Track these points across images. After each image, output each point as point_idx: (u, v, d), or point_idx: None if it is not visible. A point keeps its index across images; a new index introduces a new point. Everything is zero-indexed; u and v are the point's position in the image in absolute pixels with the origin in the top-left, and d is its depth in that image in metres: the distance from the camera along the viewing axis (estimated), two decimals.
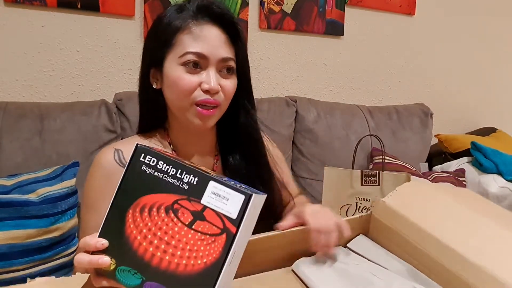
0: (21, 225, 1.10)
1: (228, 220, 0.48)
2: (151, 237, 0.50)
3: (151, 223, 0.50)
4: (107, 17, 1.60)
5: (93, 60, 1.61)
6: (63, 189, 1.19)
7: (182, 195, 0.50)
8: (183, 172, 0.51)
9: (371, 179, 1.56)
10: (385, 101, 2.17)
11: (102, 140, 1.41)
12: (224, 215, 0.48)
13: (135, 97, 1.51)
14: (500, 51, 2.45)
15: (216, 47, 0.75)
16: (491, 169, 1.81)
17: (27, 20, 1.50)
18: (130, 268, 0.50)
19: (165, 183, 0.51)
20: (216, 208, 0.49)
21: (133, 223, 0.51)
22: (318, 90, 2.02)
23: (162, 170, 0.52)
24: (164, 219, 0.50)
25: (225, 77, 0.77)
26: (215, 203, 0.49)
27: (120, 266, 0.50)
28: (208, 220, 0.49)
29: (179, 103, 0.77)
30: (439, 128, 2.15)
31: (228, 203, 0.48)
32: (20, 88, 1.52)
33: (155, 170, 0.52)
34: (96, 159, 0.82)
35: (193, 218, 0.49)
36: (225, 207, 0.48)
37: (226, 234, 0.48)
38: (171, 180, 0.51)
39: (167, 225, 0.50)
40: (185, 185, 0.50)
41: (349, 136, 1.80)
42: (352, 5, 2.01)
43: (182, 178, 0.51)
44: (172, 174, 0.51)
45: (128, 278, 0.50)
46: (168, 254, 0.49)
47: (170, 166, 0.51)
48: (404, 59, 2.20)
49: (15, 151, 1.29)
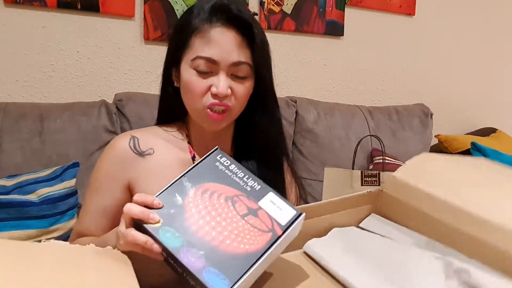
0: (21, 225, 1.10)
1: (277, 224, 0.54)
2: (205, 213, 0.54)
3: (209, 203, 0.55)
4: (107, 17, 1.60)
5: (93, 60, 1.61)
6: (63, 190, 1.19)
7: (244, 192, 0.57)
8: (249, 178, 0.58)
9: (371, 180, 1.56)
10: (385, 102, 2.17)
11: (102, 140, 1.41)
12: (274, 219, 0.55)
13: (135, 98, 1.52)
14: (500, 51, 2.45)
15: (228, 51, 0.74)
16: None
17: (27, 21, 1.50)
18: (174, 231, 0.53)
19: (232, 179, 0.58)
20: (270, 212, 0.55)
21: (193, 199, 0.55)
22: (318, 91, 2.02)
23: (232, 171, 0.59)
24: (222, 204, 0.55)
25: (237, 81, 0.76)
26: (269, 208, 0.56)
27: (166, 226, 0.53)
28: (260, 217, 0.55)
29: (191, 106, 0.78)
30: (439, 129, 2.15)
31: (281, 212, 0.55)
32: (20, 89, 1.52)
33: (227, 169, 0.59)
34: (111, 143, 0.81)
35: (247, 211, 0.55)
36: (277, 214, 0.55)
37: (272, 233, 0.54)
38: (237, 180, 0.58)
39: (223, 210, 0.55)
40: (248, 187, 0.57)
41: (349, 137, 1.80)
42: (352, 6, 2.02)
43: (247, 181, 0.58)
44: (239, 176, 0.58)
45: (169, 239, 0.52)
46: (215, 230, 0.53)
47: (240, 170, 0.59)
48: (404, 59, 2.20)
49: (15, 152, 1.29)
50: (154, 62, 1.67)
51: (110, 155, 0.80)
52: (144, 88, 1.67)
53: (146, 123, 1.46)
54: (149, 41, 1.66)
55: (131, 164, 0.79)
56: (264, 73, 0.79)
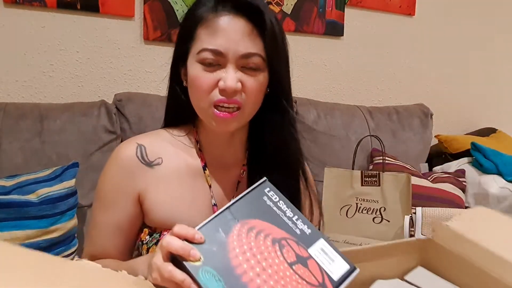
0: (20, 225, 1.10)
1: (329, 279, 0.49)
2: (250, 256, 0.49)
3: (254, 244, 0.50)
4: (106, 17, 1.60)
5: (93, 60, 1.60)
6: (63, 190, 1.19)
7: (293, 236, 0.52)
8: (299, 219, 0.53)
9: (371, 180, 1.56)
10: (385, 102, 2.16)
11: (102, 141, 1.41)
12: (326, 272, 0.50)
13: (135, 98, 1.52)
14: (500, 52, 2.44)
15: (236, 42, 0.66)
16: (491, 170, 1.81)
17: (27, 21, 1.50)
18: (216, 273, 0.48)
19: (280, 219, 0.53)
20: (320, 263, 0.50)
21: (237, 237, 0.50)
22: (318, 91, 2.01)
23: (281, 208, 0.54)
24: (269, 247, 0.50)
25: (248, 75, 0.68)
26: (320, 258, 0.51)
27: (206, 266, 0.48)
28: (309, 268, 0.50)
29: (198, 104, 0.71)
30: (439, 129, 2.15)
31: (333, 264, 0.50)
32: (19, 89, 1.52)
33: (275, 205, 0.54)
34: (115, 153, 0.75)
35: (296, 259, 0.50)
36: (329, 266, 0.50)
37: None
38: (286, 220, 0.53)
39: (269, 254, 0.50)
40: (298, 230, 0.52)
41: (349, 137, 1.80)
42: (352, 6, 2.01)
43: (297, 223, 0.53)
44: (289, 215, 0.53)
45: (209, 280, 0.48)
46: (260, 278, 0.48)
47: (289, 209, 0.54)
48: (404, 59, 2.20)
49: (15, 152, 1.29)
50: (154, 63, 1.67)
51: (117, 167, 0.74)
52: (144, 88, 1.67)
53: (146, 124, 1.46)
54: (149, 41, 1.66)
55: (140, 175, 0.73)
56: (277, 66, 0.70)
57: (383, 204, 1.54)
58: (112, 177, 0.74)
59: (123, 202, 0.74)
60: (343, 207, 1.57)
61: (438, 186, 1.68)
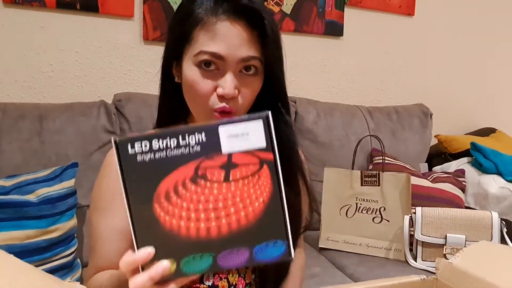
0: (20, 225, 1.10)
1: (261, 151, 0.45)
2: (195, 214, 0.46)
3: (185, 202, 0.46)
4: (106, 17, 1.60)
5: (92, 60, 1.60)
6: (62, 190, 1.19)
7: (199, 157, 0.45)
8: (185, 136, 0.45)
9: (371, 180, 1.56)
10: (385, 102, 2.16)
11: (101, 141, 1.40)
12: (254, 150, 0.45)
13: (134, 98, 1.52)
14: (500, 52, 2.45)
15: (236, 46, 0.65)
16: (491, 170, 1.81)
17: (26, 21, 1.50)
18: (194, 255, 0.46)
19: (173, 158, 0.45)
20: (242, 148, 0.45)
21: (167, 214, 0.46)
22: (317, 91, 2.01)
23: (161, 148, 0.45)
24: (197, 190, 0.45)
25: (245, 79, 0.68)
26: (237, 145, 0.45)
27: (181, 259, 0.46)
28: (240, 164, 0.45)
29: (196, 108, 0.71)
30: (439, 129, 2.15)
31: (250, 137, 0.45)
32: (19, 89, 1.52)
33: (154, 152, 0.45)
34: (108, 158, 0.75)
35: (225, 171, 0.45)
36: (249, 142, 0.45)
37: (266, 164, 0.45)
38: (178, 152, 0.45)
39: (204, 194, 0.46)
40: (197, 147, 0.45)
41: (348, 137, 1.80)
42: (352, 6, 2.01)
43: (189, 142, 0.45)
44: (175, 145, 0.45)
45: (197, 264, 0.46)
46: (222, 218, 0.45)
47: (167, 139, 0.45)
48: (403, 59, 2.20)
49: (14, 152, 1.28)
50: (154, 62, 1.67)
51: (112, 170, 0.72)
52: (143, 88, 1.67)
53: (146, 124, 1.46)
54: (148, 41, 1.66)
55: None
56: (276, 69, 0.71)
57: (383, 204, 1.54)
58: (108, 181, 0.73)
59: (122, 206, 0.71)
60: (343, 207, 1.57)
61: (437, 186, 1.68)
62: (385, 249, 1.52)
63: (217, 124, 0.44)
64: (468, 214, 1.41)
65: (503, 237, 1.40)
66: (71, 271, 1.21)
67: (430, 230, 1.42)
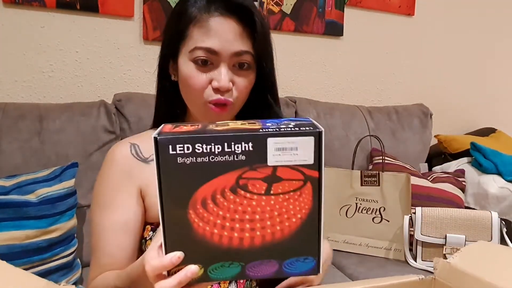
0: (20, 226, 1.10)
1: (307, 168, 0.43)
2: (230, 224, 0.44)
3: (222, 211, 0.44)
4: (106, 17, 1.60)
5: (92, 60, 1.60)
6: (62, 190, 1.19)
7: (243, 167, 0.43)
8: (232, 144, 0.42)
9: (371, 180, 1.56)
10: (385, 102, 2.16)
11: (101, 141, 1.41)
12: (300, 166, 0.43)
13: (134, 98, 1.52)
14: (500, 52, 2.45)
15: (229, 41, 0.69)
16: (490, 170, 1.81)
17: (26, 21, 1.50)
18: (223, 263, 0.45)
19: (216, 164, 0.42)
20: (288, 163, 0.43)
21: (201, 220, 0.44)
22: (317, 91, 2.01)
23: (205, 152, 0.42)
24: (235, 200, 0.44)
25: (239, 73, 0.72)
26: (284, 159, 0.43)
27: (210, 266, 0.45)
28: (284, 178, 0.43)
29: (192, 101, 0.74)
30: (439, 129, 2.15)
31: (299, 151, 0.43)
32: (19, 89, 1.52)
33: (196, 156, 0.42)
34: (110, 155, 0.76)
35: (267, 184, 0.44)
36: (297, 157, 0.43)
37: (310, 181, 0.43)
38: (222, 158, 0.42)
39: (242, 204, 0.44)
40: (242, 156, 0.42)
41: (348, 137, 1.80)
42: (352, 6, 2.01)
43: (234, 150, 0.42)
44: (219, 151, 0.42)
45: (224, 272, 0.45)
46: (257, 230, 0.44)
47: (211, 144, 0.42)
48: (403, 59, 2.20)
49: (14, 152, 1.28)
50: (154, 62, 1.64)
51: (113, 167, 0.74)
52: (143, 88, 1.67)
53: (146, 124, 1.46)
54: (148, 41, 1.66)
55: (138, 172, 0.74)
56: (266, 63, 0.74)
57: (382, 204, 1.54)
58: (110, 178, 0.74)
59: (126, 200, 0.73)
60: (343, 207, 1.57)
61: (437, 186, 1.68)
62: (385, 249, 1.52)
63: (267, 135, 0.42)
64: (468, 214, 1.41)
65: (503, 237, 1.40)
66: (71, 271, 1.21)
67: (430, 230, 1.42)
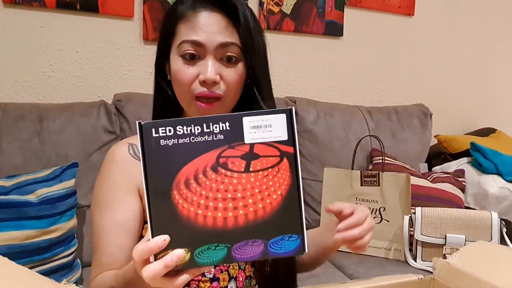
0: (20, 226, 1.10)
1: (282, 144, 0.46)
2: (213, 203, 0.45)
3: (205, 190, 0.46)
4: (106, 18, 1.60)
5: (92, 61, 1.60)
6: (62, 190, 1.19)
7: (222, 146, 0.46)
8: (210, 124, 0.45)
9: (370, 180, 1.56)
10: (385, 102, 2.16)
11: (102, 141, 1.41)
12: (275, 142, 0.46)
13: (134, 98, 1.52)
14: (500, 52, 2.45)
15: (214, 33, 0.70)
16: (490, 170, 1.81)
17: (26, 21, 1.50)
18: (208, 245, 0.45)
19: (196, 144, 0.45)
20: (264, 140, 0.46)
21: (185, 201, 0.45)
22: (317, 91, 2.02)
23: (186, 134, 0.45)
24: (217, 178, 0.46)
25: (227, 66, 0.72)
26: (260, 136, 0.46)
27: (196, 249, 0.46)
28: (262, 155, 0.46)
29: (181, 97, 0.74)
30: (439, 129, 2.15)
31: (273, 128, 0.46)
32: (19, 89, 1.52)
33: (177, 137, 0.45)
34: (109, 156, 0.77)
35: (246, 161, 0.46)
36: (272, 134, 0.46)
37: (286, 157, 0.46)
38: (202, 139, 0.45)
39: (223, 183, 0.46)
40: (220, 135, 0.45)
41: (348, 137, 1.80)
42: (351, 6, 2.01)
43: (212, 130, 0.45)
44: (199, 132, 0.45)
45: (211, 255, 0.45)
46: (240, 208, 0.46)
47: (191, 126, 0.45)
48: (403, 59, 2.20)
49: (14, 152, 1.28)
50: (153, 62, 1.66)
51: (113, 167, 0.75)
52: (143, 88, 1.67)
53: None
54: (148, 42, 1.66)
55: (137, 171, 0.73)
56: (253, 56, 0.73)
57: (382, 204, 1.54)
58: (109, 178, 0.75)
59: (126, 199, 0.73)
60: None
61: (437, 186, 1.68)
62: (385, 249, 1.52)
63: (242, 114, 0.46)
64: (468, 214, 1.41)
65: (502, 237, 1.40)
66: (71, 271, 1.21)
67: (429, 230, 1.42)
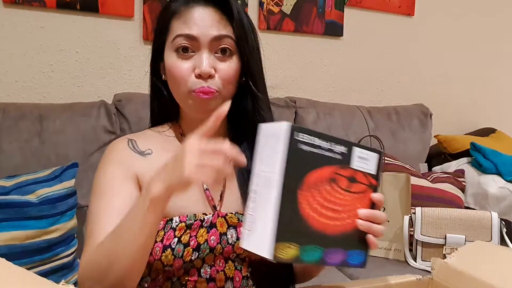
0: (20, 226, 1.10)
1: (371, 176, 0.60)
2: (324, 210, 0.55)
3: (320, 197, 0.55)
4: (106, 18, 1.60)
5: (92, 61, 1.60)
6: (63, 190, 1.19)
7: (337, 164, 0.57)
8: (333, 142, 0.56)
9: None
10: (385, 102, 2.16)
11: (102, 141, 1.41)
12: (367, 173, 0.59)
13: (134, 98, 1.52)
14: (500, 52, 2.45)
15: (207, 26, 0.71)
16: (490, 170, 1.81)
17: (26, 21, 1.50)
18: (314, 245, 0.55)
19: (322, 157, 0.55)
20: (362, 169, 0.59)
21: (307, 202, 0.54)
22: (317, 91, 2.02)
23: (317, 145, 0.55)
24: (330, 190, 0.56)
25: (221, 60, 0.72)
26: (361, 165, 0.59)
27: (304, 246, 0.54)
28: (359, 181, 0.59)
29: (176, 92, 0.74)
30: (439, 129, 2.15)
31: (369, 162, 0.59)
32: (19, 89, 1.52)
33: (312, 146, 0.55)
34: (108, 149, 0.78)
35: (348, 182, 0.58)
36: (367, 166, 0.59)
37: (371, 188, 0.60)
38: (327, 154, 0.56)
39: (332, 195, 0.56)
40: (338, 155, 0.57)
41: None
42: (351, 6, 2.02)
43: (334, 149, 0.57)
44: (326, 147, 0.56)
45: (312, 254, 0.54)
46: (338, 220, 0.56)
47: (323, 140, 0.56)
48: (403, 59, 2.20)
49: (14, 152, 1.29)
50: None
51: (112, 156, 0.76)
52: (143, 88, 1.65)
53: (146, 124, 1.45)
54: (148, 42, 1.66)
55: (134, 162, 0.76)
56: (247, 49, 0.74)
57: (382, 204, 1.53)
58: (107, 168, 0.75)
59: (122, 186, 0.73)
60: None
61: (437, 186, 1.68)
62: (384, 249, 1.52)
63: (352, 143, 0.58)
64: (468, 214, 1.41)
65: (502, 237, 1.40)
66: (71, 271, 1.21)
67: (429, 230, 1.42)
